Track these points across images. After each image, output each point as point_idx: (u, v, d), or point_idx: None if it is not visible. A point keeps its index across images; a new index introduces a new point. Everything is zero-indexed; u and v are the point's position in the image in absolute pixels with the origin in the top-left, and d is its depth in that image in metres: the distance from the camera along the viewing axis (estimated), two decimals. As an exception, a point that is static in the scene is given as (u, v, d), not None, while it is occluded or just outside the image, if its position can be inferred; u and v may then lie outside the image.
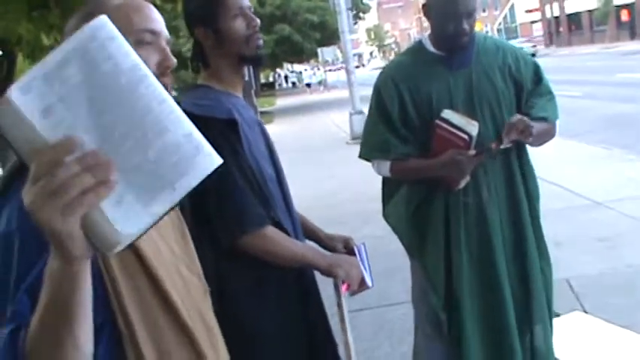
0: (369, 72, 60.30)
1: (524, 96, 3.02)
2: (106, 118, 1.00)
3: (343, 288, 2.43)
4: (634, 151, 10.48)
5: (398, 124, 2.99)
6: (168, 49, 1.49)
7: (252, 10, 2.42)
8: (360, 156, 3.21)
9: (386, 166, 3.07)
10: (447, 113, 2.85)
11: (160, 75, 1.41)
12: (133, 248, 1.28)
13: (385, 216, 3.25)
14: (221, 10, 2.34)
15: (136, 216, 1.00)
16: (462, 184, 2.91)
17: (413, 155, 2.98)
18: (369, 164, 3.16)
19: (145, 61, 1.32)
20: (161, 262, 1.41)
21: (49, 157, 0.93)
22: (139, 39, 1.41)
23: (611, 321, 4.62)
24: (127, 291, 1.32)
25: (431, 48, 3.04)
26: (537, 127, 2.90)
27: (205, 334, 1.52)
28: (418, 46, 3.13)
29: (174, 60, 1.49)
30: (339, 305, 2.47)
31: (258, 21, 2.42)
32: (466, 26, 2.87)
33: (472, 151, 2.80)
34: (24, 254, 1.23)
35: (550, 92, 3.09)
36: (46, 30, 7.26)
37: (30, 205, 0.93)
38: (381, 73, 3.19)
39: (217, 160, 1.07)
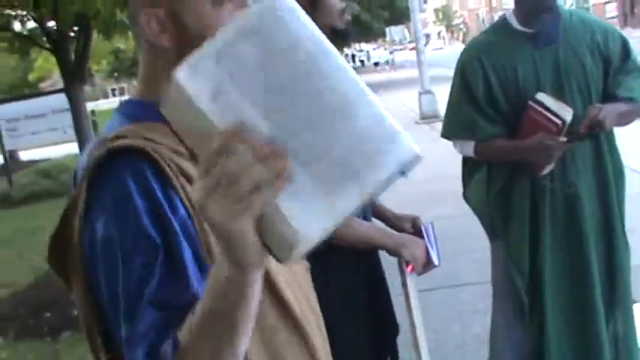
0: (430, 52, 59.72)
1: (611, 72, 2.93)
2: (283, 102, 0.87)
3: (408, 269, 2.42)
4: None
5: (483, 104, 2.94)
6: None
7: None
8: (444, 135, 3.17)
9: (470, 146, 3.02)
10: (541, 96, 2.78)
11: None
12: None
13: (465, 196, 3.21)
14: None
15: (318, 214, 0.86)
16: (547, 169, 2.85)
17: (499, 136, 2.94)
18: (439, 144, 3.11)
19: (226, 20, 1.22)
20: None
21: (218, 146, 0.82)
22: None
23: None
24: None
25: (516, 25, 2.96)
26: (622, 108, 2.84)
27: (315, 323, 1.39)
28: (502, 22, 3.05)
29: None
30: (404, 285, 2.46)
31: None
32: None
33: (563, 138, 2.74)
34: (131, 262, 1.11)
35: (638, 69, 2.98)
36: (121, 5, 7.35)
37: (198, 201, 0.84)
38: (464, 51, 3.14)
39: (415, 151, 0.91)
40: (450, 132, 3.13)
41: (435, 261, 2.49)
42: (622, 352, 3.06)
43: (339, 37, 2.43)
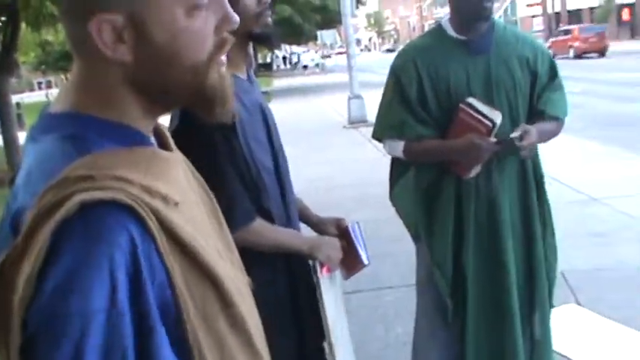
0: (360, 57, 60.13)
1: (538, 88, 3.03)
2: None
3: (323, 270, 2.41)
4: (631, 149, 10.49)
5: (415, 105, 2.98)
6: (227, 2, 1.11)
7: None
8: (374, 135, 3.21)
9: (399, 146, 3.06)
10: (472, 99, 2.85)
11: (219, 46, 1.10)
12: (202, 267, 1.03)
13: (392, 197, 3.25)
14: None
15: None
16: (474, 172, 2.91)
17: (429, 137, 2.98)
18: (366, 149, 3.13)
19: (202, 34, 1.07)
20: (222, 270, 1.10)
21: None
22: (194, 2, 1.05)
23: (605, 315, 4.65)
24: (201, 328, 1.02)
25: (451, 31, 3.02)
26: (548, 127, 3.00)
27: (259, 335, 1.25)
28: (438, 29, 3.10)
29: (237, 17, 1.12)
30: (318, 287, 2.44)
31: None
32: None
33: (493, 139, 2.80)
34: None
35: (562, 88, 3.11)
36: (53, -3, 7.21)
37: None
38: (398, 54, 3.18)
39: None
40: (381, 132, 3.16)
41: (365, 260, 2.50)
42: (536, 355, 3.15)
43: (258, 42, 2.38)
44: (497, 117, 2.79)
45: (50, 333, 0.88)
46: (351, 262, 2.49)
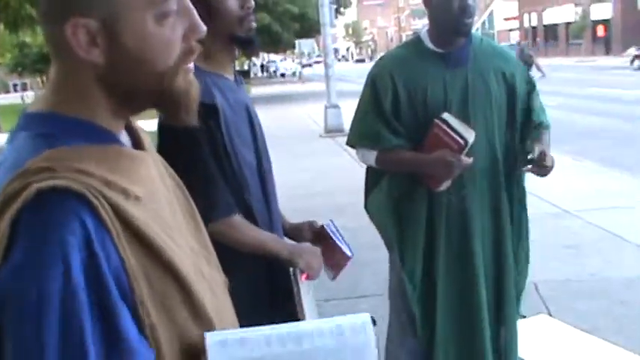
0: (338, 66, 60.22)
1: (518, 102, 3.07)
2: None
3: (303, 277, 2.44)
4: (604, 163, 10.65)
5: (389, 116, 3.01)
6: (195, 12, 1.17)
7: None
8: (348, 143, 3.24)
9: (372, 155, 3.09)
10: (447, 116, 2.88)
11: (186, 53, 1.16)
12: (162, 260, 1.08)
13: (367, 206, 3.28)
14: None
15: None
16: (443, 186, 2.94)
17: (402, 148, 3.01)
18: (342, 158, 3.16)
19: (170, 41, 1.13)
20: (189, 268, 1.16)
21: None
22: (163, 10, 1.11)
23: (575, 325, 4.72)
24: (160, 316, 1.07)
25: (429, 43, 3.05)
26: (547, 138, 3.21)
27: None
28: (416, 40, 3.13)
29: (204, 27, 1.17)
30: (298, 294, 2.47)
31: (253, 2, 2.35)
32: (470, 2, 2.89)
33: (464, 157, 2.82)
34: (59, 335, 0.96)
35: (540, 100, 3.17)
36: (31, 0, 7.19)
37: None
38: (375, 64, 3.20)
39: None
40: (355, 140, 3.19)
41: (348, 252, 2.54)
42: None
43: (241, 46, 2.42)
44: (471, 136, 2.83)
45: (11, 314, 0.94)
46: (335, 259, 2.53)
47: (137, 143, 1.26)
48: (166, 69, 1.13)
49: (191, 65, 1.19)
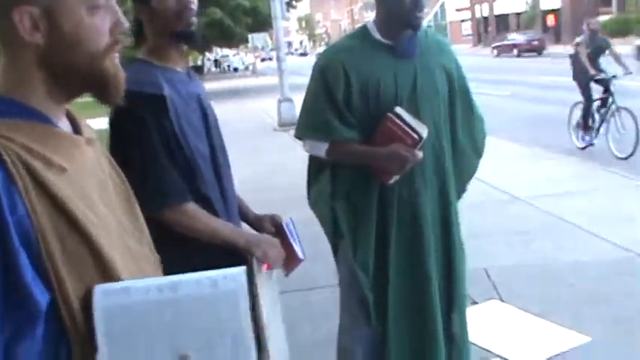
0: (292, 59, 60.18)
1: (458, 97, 3.14)
2: None
3: (264, 267, 2.45)
4: (555, 150, 10.83)
5: (342, 107, 2.99)
6: (120, 11, 1.38)
7: None
8: (297, 135, 3.20)
9: (323, 147, 3.07)
10: (400, 110, 2.89)
11: (113, 43, 1.35)
12: (77, 226, 1.23)
13: (310, 204, 3.30)
14: None
15: None
16: (394, 179, 2.96)
17: (354, 140, 3.00)
18: (298, 151, 3.14)
19: (100, 30, 1.32)
20: (110, 239, 1.31)
21: None
22: (94, 3, 1.31)
23: (526, 309, 4.81)
24: (69, 272, 1.21)
25: (376, 34, 3.04)
26: None
27: None
28: (363, 31, 3.12)
29: (127, 23, 1.39)
30: (255, 285, 2.48)
31: None
32: None
33: (419, 153, 2.86)
34: None
35: (474, 104, 3.27)
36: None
37: None
38: (324, 55, 3.19)
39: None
40: (305, 132, 3.15)
41: (301, 255, 2.56)
42: (455, 352, 3.23)
43: (182, 40, 2.46)
44: (424, 131, 2.86)
45: None
46: (288, 258, 2.54)
47: (77, 132, 1.40)
48: (96, 53, 1.32)
49: (116, 54, 1.38)
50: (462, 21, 77.03)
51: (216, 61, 75.77)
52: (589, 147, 10.76)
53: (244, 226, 2.70)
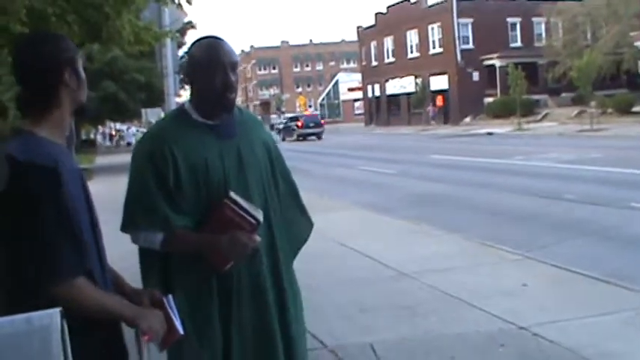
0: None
1: (277, 168, 3.20)
2: None
3: (145, 339, 2.49)
4: (441, 227, 11.14)
5: (175, 194, 2.88)
6: None
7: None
8: (127, 228, 2.99)
9: (157, 237, 2.91)
10: (234, 195, 2.89)
11: None
12: None
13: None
14: None
15: None
16: (229, 265, 2.90)
17: (188, 227, 2.90)
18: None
19: None
20: None
21: None
22: None
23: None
24: None
25: (195, 116, 3.01)
26: None
27: None
28: (182, 112, 3.09)
29: None
30: (141, 355, 2.52)
31: (83, 75, 2.50)
32: (233, 78, 2.94)
33: (257, 237, 2.87)
34: None
35: (295, 186, 3.34)
36: None
37: None
38: (147, 139, 3.09)
39: None
40: (135, 224, 2.96)
41: (180, 330, 2.60)
42: None
43: (82, 113, 2.54)
44: (260, 215, 2.87)
45: None
46: (167, 333, 2.56)
47: None
48: None
49: None
50: (355, 100, 78.84)
51: (109, 135, 74.83)
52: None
53: None
